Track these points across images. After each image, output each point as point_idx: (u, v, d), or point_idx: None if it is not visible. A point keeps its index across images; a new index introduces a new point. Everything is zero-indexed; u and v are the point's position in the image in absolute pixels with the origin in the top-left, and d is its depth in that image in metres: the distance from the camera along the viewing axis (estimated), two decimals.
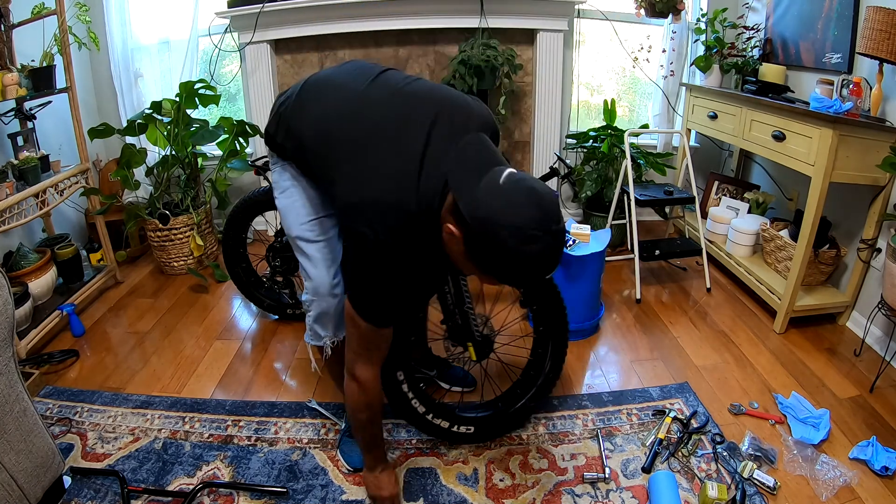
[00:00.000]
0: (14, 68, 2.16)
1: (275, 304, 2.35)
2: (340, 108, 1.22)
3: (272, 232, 2.52)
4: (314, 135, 1.23)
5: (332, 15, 2.80)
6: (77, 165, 2.43)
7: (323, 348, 1.45)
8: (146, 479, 1.52)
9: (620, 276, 2.77)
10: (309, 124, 1.25)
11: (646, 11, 2.86)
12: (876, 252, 2.10)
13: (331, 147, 1.19)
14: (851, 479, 1.49)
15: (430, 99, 1.17)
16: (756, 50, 2.82)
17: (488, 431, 1.65)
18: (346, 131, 1.18)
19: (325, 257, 1.36)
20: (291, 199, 1.36)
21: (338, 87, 1.28)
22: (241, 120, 2.77)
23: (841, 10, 2.26)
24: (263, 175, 2.13)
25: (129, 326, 2.34)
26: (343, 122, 1.19)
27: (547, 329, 1.60)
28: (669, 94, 3.10)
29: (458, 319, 1.60)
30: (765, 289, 2.37)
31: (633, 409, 1.80)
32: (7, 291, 1.25)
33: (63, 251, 2.36)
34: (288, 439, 1.67)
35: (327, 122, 1.21)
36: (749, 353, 2.11)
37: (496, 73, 2.75)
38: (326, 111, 1.23)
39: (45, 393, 1.88)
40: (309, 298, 1.39)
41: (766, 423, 1.73)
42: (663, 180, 3.12)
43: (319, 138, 1.22)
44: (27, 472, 1.29)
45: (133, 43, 2.92)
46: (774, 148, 2.25)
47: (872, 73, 2.05)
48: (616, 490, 1.49)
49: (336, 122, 1.20)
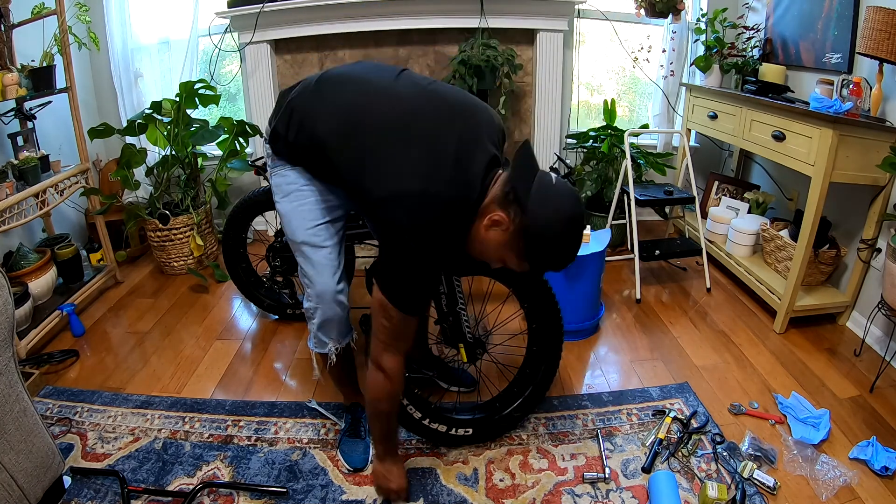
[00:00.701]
0: (14, 68, 2.16)
1: (275, 304, 2.35)
2: (370, 99, 1.22)
3: (272, 232, 2.52)
4: (339, 125, 1.21)
5: (332, 15, 2.80)
6: (77, 165, 2.43)
7: (327, 355, 1.45)
8: (146, 479, 1.52)
9: (620, 276, 2.77)
10: (332, 114, 1.22)
11: (646, 11, 2.86)
12: (876, 252, 2.10)
13: (361, 137, 1.18)
14: (851, 479, 1.49)
15: (455, 100, 1.25)
16: (756, 50, 2.82)
17: (487, 432, 1.65)
18: (379, 121, 1.18)
19: (330, 263, 1.35)
20: (296, 204, 1.34)
21: (361, 81, 1.28)
22: (241, 120, 2.77)
23: (841, 10, 2.26)
24: (263, 175, 2.13)
25: (129, 326, 2.34)
26: (374, 112, 1.20)
27: (540, 327, 1.60)
28: (669, 94, 3.10)
29: (450, 320, 1.60)
30: (765, 289, 2.37)
31: (633, 409, 1.80)
32: (7, 291, 1.25)
33: (63, 251, 2.36)
34: (288, 439, 1.67)
35: (356, 112, 1.21)
36: (749, 353, 2.11)
37: (496, 73, 2.75)
38: (355, 100, 1.22)
39: (45, 393, 1.88)
40: (312, 305, 1.38)
41: (766, 423, 1.73)
42: (663, 180, 3.12)
43: (347, 128, 1.20)
44: (27, 472, 1.29)
45: (133, 43, 2.92)
46: (774, 148, 2.25)
47: (872, 73, 2.05)
48: (616, 490, 1.49)
49: (367, 111, 1.20)
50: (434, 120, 1.18)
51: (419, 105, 1.20)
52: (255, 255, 2.40)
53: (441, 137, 1.15)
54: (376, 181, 1.14)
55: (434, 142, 1.15)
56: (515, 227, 1.10)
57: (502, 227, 1.11)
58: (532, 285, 1.54)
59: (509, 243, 1.12)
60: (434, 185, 1.11)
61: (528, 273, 1.21)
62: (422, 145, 1.14)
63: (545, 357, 1.63)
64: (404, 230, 1.12)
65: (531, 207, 1.07)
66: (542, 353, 1.63)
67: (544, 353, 1.62)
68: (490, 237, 1.14)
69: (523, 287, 1.55)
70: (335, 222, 1.38)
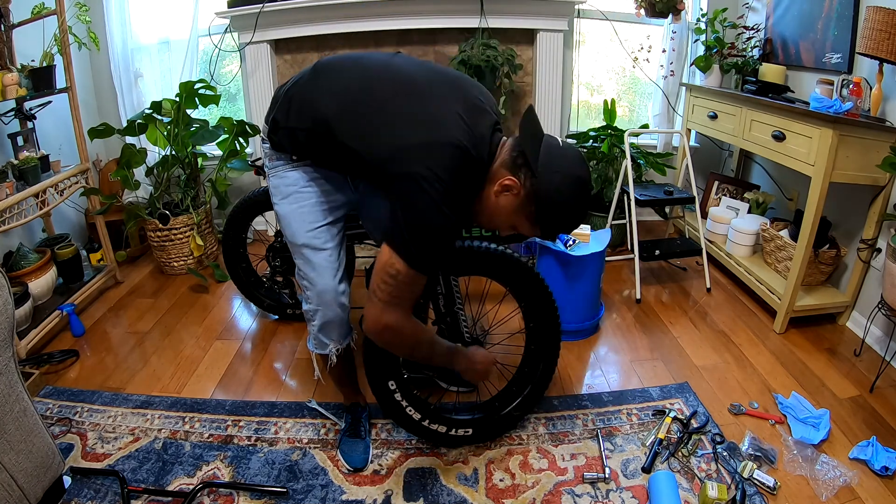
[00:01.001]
0: (14, 68, 2.16)
1: (275, 304, 2.35)
2: (370, 74, 1.22)
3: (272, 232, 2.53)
4: (342, 99, 1.19)
5: (332, 15, 2.80)
6: (77, 165, 2.43)
7: (328, 356, 1.45)
8: (146, 479, 1.52)
9: (620, 276, 2.77)
10: (333, 93, 1.21)
11: (646, 11, 2.86)
12: (876, 252, 2.10)
13: (365, 105, 1.17)
14: (851, 479, 1.49)
15: (453, 73, 1.27)
16: (756, 50, 2.82)
17: (487, 432, 1.65)
18: (381, 88, 1.19)
19: (331, 265, 1.34)
20: (296, 206, 1.33)
21: (358, 60, 1.28)
22: (241, 120, 2.77)
23: (841, 10, 2.26)
24: (263, 175, 2.12)
25: (129, 326, 2.34)
26: (375, 81, 1.20)
27: (538, 325, 1.60)
28: (669, 94, 3.10)
29: (448, 320, 1.60)
30: (765, 289, 2.37)
31: (633, 409, 1.80)
32: (7, 291, 1.25)
33: (63, 251, 2.36)
34: (288, 439, 1.67)
35: (357, 85, 1.20)
36: (749, 353, 2.11)
37: (496, 73, 2.75)
38: (355, 76, 1.22)
39: (45, 393, 1.88)
40: (313, 308, 1.37)
41: (766, 423, 1.73)
42: (663, 180, 3.12)
43: (350, 99, 1.19)
44: (27, 472, 1.29)
45: (133, 43, 2.92)
46: (774, 148, 2.25)
47: (872, 73, 2.05)
48: (616, 490, 1.49)
49: (368, 83, 1.20)
50: (437, 86, 1.19)
51: (420, 74, 1.22)
52: (255, 255, 2.40)
53: (445, 99, 1.16)
54: (387, 141, 1.13)
55: (439, 102, 1.15)
56: (526, 192, 1.12)
57: (513, 192, 1.13)
58: (529, 284, 1.54)
59: (521, 208, 1.14)
60: (444, 135, 1.10)
61: (540, 237, 1.22)
62: (428, 105, 1.15)
63: (543, 355, 1.63)
64: (421, 179, 1.08)
65: (541, 171, 1.10)
66: (541, 352, 1.63)
67: (542, 351, 1.62)
68: (501, 203, 1.16)
69: (520, 286, 1.55)
70: (335, 223, 1.37)
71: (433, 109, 1.14)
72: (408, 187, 1.10)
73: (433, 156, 1.09)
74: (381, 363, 1.47)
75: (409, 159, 1.10)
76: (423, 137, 1.11)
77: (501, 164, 1.16)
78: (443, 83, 1.21)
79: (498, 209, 1.17)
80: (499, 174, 1.15)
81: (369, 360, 1.46)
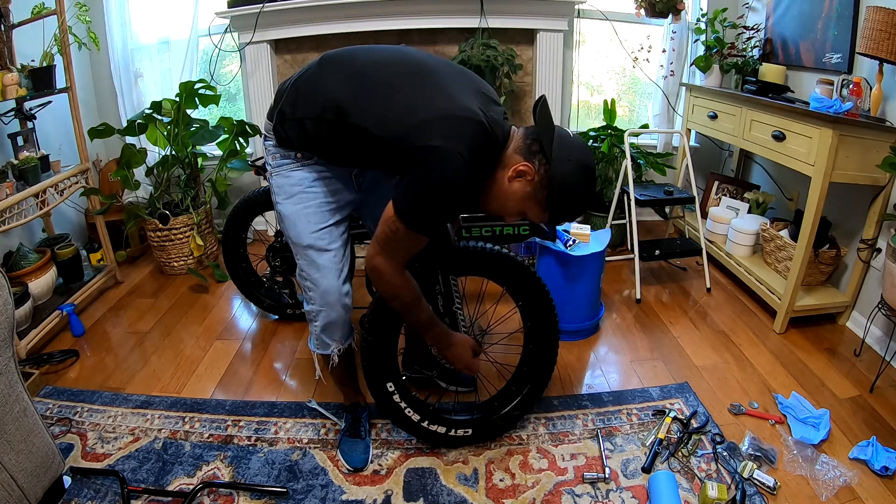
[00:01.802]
0: (14, 68, 2.16)
1: (275, 304, 2.35)
2: (379, 60, 1.23)
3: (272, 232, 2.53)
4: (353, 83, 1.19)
5: (331, 15, 2.80)
6: (77, 165, 2.43)
7: (330, 357, 1.45)
8: (146, 479, 1.52)
9: (620, 276, 2.77)
10: (342, 79, 1.20)
11: (646, 11, 2.86)
12: (876, 252, 2.10)
13: (381, 80, 1.19)
14: (851, 479, 1.49)
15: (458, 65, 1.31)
16: (756, 50, 2.82)
17: (487, 432, 1.65)
18: (392, 70, 1.20)
19: (335, 266, 1.33)
20: (300, 206, 1.32)
21: (364, 50, 1.28)
22: (241, 120, 2.77)
23: (841, 10, 2.26)
24: (263, 175, 2.12)
25: (129, 326, 2.34)
26: (386, 65, 1.22)
27: (536, 324, 1.60)
28: (669, 94, 3.10)
29: (446, 321, 1.59)
30: (765, 289, 2.37)
31: (633, 409, 1.80)
32: (7, 291, 1.25)
33: (63, 251, 2.36)
34: (288, 439, 1.67)
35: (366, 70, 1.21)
36: (749, 353, 2.11)
37: (496, 73, 2.75)
38: (364, 62, 1.23)
39: (45, 393, 1.88)
40: (315, 308, 1.37)
41: (766, 423, 1.73)
42: (663, 180, 3.12)
43: (365, 77, 1.19)
44: (27, 472, 1.29)
45: (133, 43, 2.92)
46: (774, 148, 2.25)
47: (872, 73, 2.05)
48: (616, 490, 1.49)
49: (377, 67, 1.21)
50: (446, 72, 1.22)
51: (430, 59, 1.25)
52: (255, 255, 2.40)
53: (458, 81, 1.19)
54: (403, 117, 1.13)
55: (453, 82, 1.18)
56: (540, 178, 1.15)
57: (527, 178, 1.16)
58: (526, 283, 1.54)
59: (533, 194, 1.17)
60: (464, 110, 1.12)
61: (547, 222, 1.24)
62: (442, 84, 1.17)
63: (542, 355, 1.63)
64: (437, 150, 1.08)
65: (555, 158, 1.13)
66: (539, 351, 1.63)
67: (541, 350, 1.62)
68: (514, 188, 1.18)
69: (517, 285, 1.55)
70: (340, 224, 1.37)
71: (449, 88, 1.16)
72: (428, 158, 1.10)
73: (454, 129, 1.10)
74: (380, 365, 1.47)
75: (430, 133, 1.10)
76: (443, 111, 1.12)
77: (515, 150, 1.18)
78: (453, 70, 1.24)
79: (510, 194, 1.19)
80: (512, 160, 1.17)
81: (368, 362, 1.47)
